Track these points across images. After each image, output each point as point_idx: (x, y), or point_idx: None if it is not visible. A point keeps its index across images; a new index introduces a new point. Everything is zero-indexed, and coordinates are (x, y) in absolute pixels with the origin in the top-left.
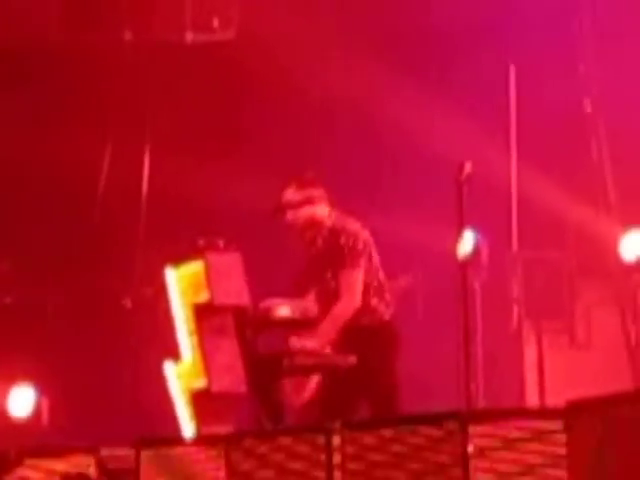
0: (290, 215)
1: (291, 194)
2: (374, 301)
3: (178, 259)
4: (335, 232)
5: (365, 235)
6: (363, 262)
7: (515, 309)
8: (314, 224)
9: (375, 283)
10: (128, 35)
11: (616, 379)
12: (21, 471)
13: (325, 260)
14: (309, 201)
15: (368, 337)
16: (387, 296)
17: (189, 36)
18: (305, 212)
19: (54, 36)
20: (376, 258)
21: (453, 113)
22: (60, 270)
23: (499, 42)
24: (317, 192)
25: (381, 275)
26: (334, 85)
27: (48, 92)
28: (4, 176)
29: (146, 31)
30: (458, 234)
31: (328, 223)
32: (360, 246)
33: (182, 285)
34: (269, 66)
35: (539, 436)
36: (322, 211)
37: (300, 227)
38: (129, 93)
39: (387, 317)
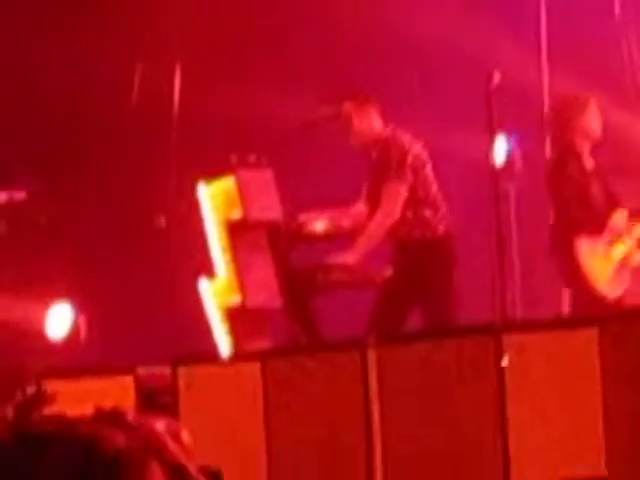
0: (342, 128)
1: (345, 110)
2: (427, 213)
3: (211, 176)
4: (387, 144)
5: (417, 149)
6: (410, 175)
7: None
8: (368, 137)
9: (428, 196)
10: None
11: None
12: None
13: (376, 171)
14: (364, 117)
15: (422, 250)
16: (442, 209)
17: None
18: (358, 128)
19: None
20: (429, 172)
21: (484, 19)
22: (94, 189)
23: None
24: (371, 105)
25: (434, 189)
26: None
27: (78, 9)
28: (36, 97)
29: None
30: (490, 142)
31: (382, 136)
32: (409, 160)
33: (215, 202)
34: None
35: (574, 346)
36: (376, 123)
37: (355, 140)
38: (159, 8)
39: (441, 230)
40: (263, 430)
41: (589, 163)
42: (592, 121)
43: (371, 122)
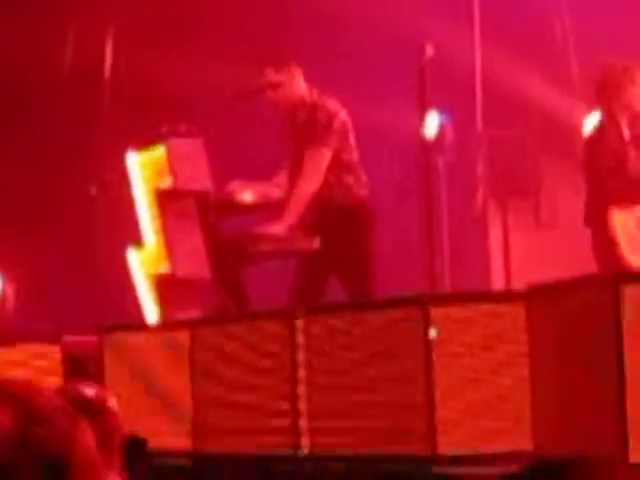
0: (271, 94)
1: (271, 74)
2: (349, 179)
3: (142, 145)
4: (313, 108)
5: (343, 115)
6: (335, 141)
7: (480, 189)
8: (295, 101)
9: (350, 162)
10: None
11: (580, 259)
12: None
13: (300, 136)
14: (288, 79)
15: (342, 214)
16: (363, 177)
17: None
18: (286, 90)
19: None
20: (352, 138)
21: None
22: (24, 156)
23: None
24: (295, 70)
25: (355, 156)
26: None
27: None
28: None
29: None
30: (422, 115)
31: (308, 100)
32: (336, 124)
33: (145, 171)
34: None
35: (501, 319)
36: (301, 88)
37: (282, 105)
38: None
39: (361, 196)
40: (190, 397)
41: (627, 134)
42: (637, 92)
43: (297, 83)
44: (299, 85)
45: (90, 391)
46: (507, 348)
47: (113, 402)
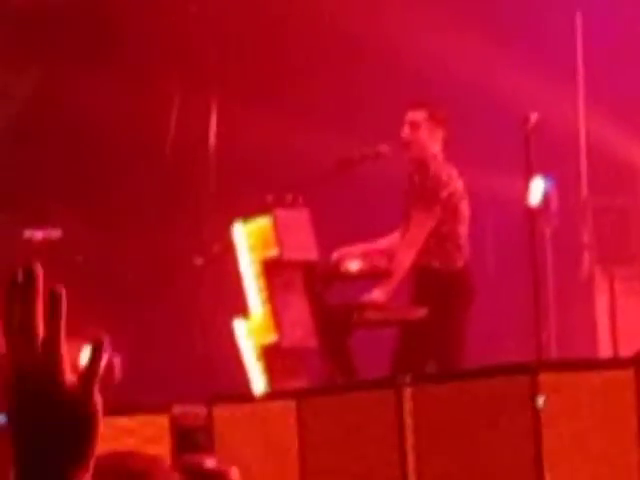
0: (405, 132)
1: (420, 116)
2: (449, 246)
3: (247, 215)
4: (426, 173)
5: (454, 186)
6: (439, 211)
7: (586, 256)
8: (422, 157)
9: (452, 233)
10: None
11: None
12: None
13: (413, 195)
14: (432, 133)
15: (439, 282)
16: (465, 249)
17: None
18: (423, 139)
19: None
20: (464, 210)
21: (520, 61)
22: (131, 227)
23: None
24: (440, 132)
25: (463, 229)
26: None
27: (118, 46)
28: (74, 134)
29: None
30: (527, 183)
31: (428, 162)
32: (443, 195)
33: (251, 241)
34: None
35: (610, 386)
36: (435, 149)
37: (410, 151)
38: (196, 47)
39: (460, 264)
40: (298, 469)
41: None
42: None
43: (434, 140)
44: (436, 140)
45: (211, 463)
46: (616, 417)
47: (235, 474)
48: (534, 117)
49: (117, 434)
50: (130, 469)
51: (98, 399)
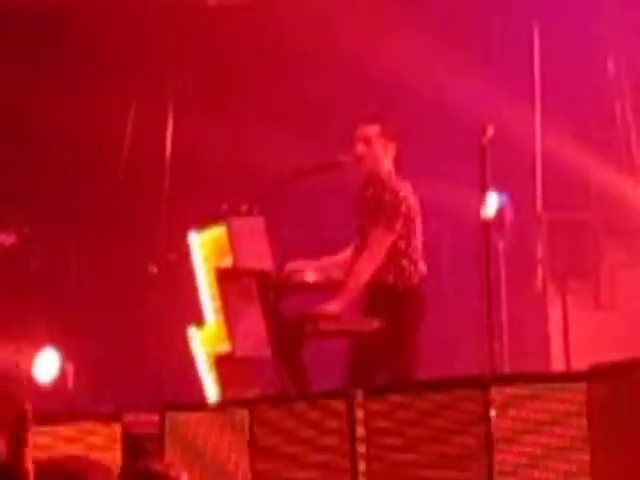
0: (360, 147)
1: (373, 131)
2: (405, 263)
3: (202, 224)
4: (382, 189)
5: (411, 201)
6: (399, 227)
7: (539, 270)
8: (375, 171)
9: (408, 248)
10: None
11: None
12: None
13: (368, 210)
14: (385, 147)
15: (392, 297)
16: (420, 265)
17: (211, 0)
18: (376, 154)
19: None
20: (418, 226)
21: (476, 75)
22: (85, 235)
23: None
24: (393, 145)
25: (418, 244)
26: (355, 49)
27: (72, 53)
28: (26, 138)
29: None
30: (482, 196)
31: (384, 177)
32: (402, 210)
33: (205, 250)
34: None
35: (562, 400)
36: (388, 164)
37: (363, 166)
38: (153, 56)
39: (415, 280)
40: (249, 478)
41: None
42: None
43: (386, 153)
44: (389, 155)
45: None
46: (568, 430)
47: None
48: (490, 130)
49: (68, 441)
50: (67, 471)
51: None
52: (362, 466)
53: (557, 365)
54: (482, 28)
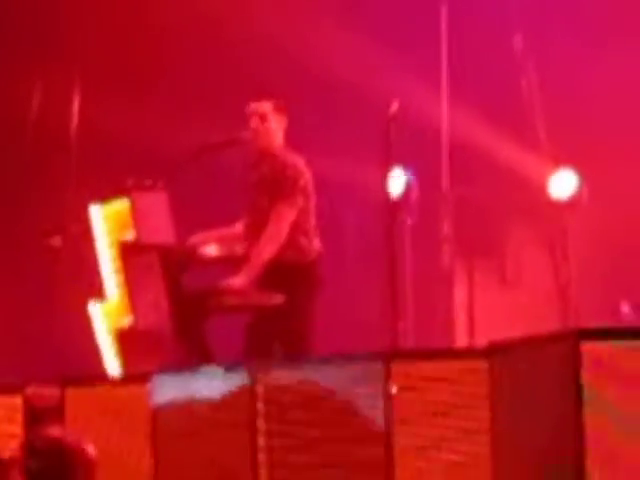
0: (254, 123)
1: (267, 107)
2: (302, 240)
3: (105, 198)
4: (283, 163)
5: (308, 176)
6: (300, 201)
7: (445, 248)
8: (270, 148)
9: (307, 224)
10: None
11: (545, 318)
12: None
13: (264, 187)
14: (278, 123)
15: (290, 274)
16: (316, 241)
17: None
18: (268, 129)
19: None
20: (313, 200)
21: (382, 50)
22: None
23: None
24: (284, 120)
25: (312, 219)
26: (262, 21)
27: None
28: None
29: None
30: (387, 173)
31: (279, 153)
32: (302, 183)
33: (108, 223)
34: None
35: (463, 376)
36: (280, 138)
37: (260, 142)
38: (59, 28)
39: (312, 257)
40: (149, 452)
41: None
42: None
43: (279, 131)
44: (280, 130)
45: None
46: (469, 408)
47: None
48: (395, 106)
49: None
50: None
51: None
52: (261, 442)
53: (461, 342)
54: (390, 2)
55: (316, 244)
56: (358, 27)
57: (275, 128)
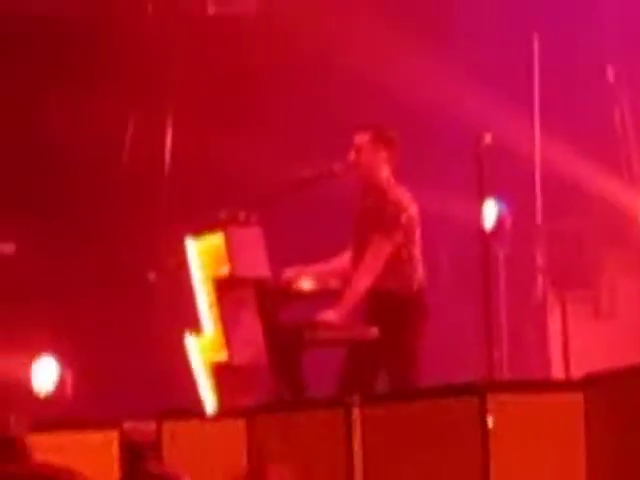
0: (351, 156)
1: (364, 138)
2: (406, 270)
3: (200, 231)
4: (385, 198)
5: (412, 210)
6: (399, 236)
7: (539, 279)
8: (371, 179)
9: (410, 257)
10: (150, 7)
11: None
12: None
13: (367, 218)
14: (377, 155)
15: (395, 304)
16: (420, 272)
17: (211, 9)
18: (368, 161)
19: (78, 7)
20: (418, 233)
21: (476, 82)
22: (85, 242)
23: (523, 10)
24: (388, 152)
25: (418, 252)
26: (353, 60)
27: (73, 64)
28: (27, 150)
29: (169, 3)
30: (480, 205)
31: (382, 185)
32: (403, 220)
33: (203, 258)
34: (287, 41)
35: (559, 409)
36: (384, 172)
37: (356, 174)
38: (151, 65)
39: (415, 288)
40: None
41: None
42: None
43: (380, 161)
44: (382, 161)
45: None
46: (565, 439)
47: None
48: (488, 138)
49: (67, 448)
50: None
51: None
52: (358, 478)
53: (557, 374)
54: (482, 35)
55: (420, 274)
56: (451, 59)
57: (372, 159)
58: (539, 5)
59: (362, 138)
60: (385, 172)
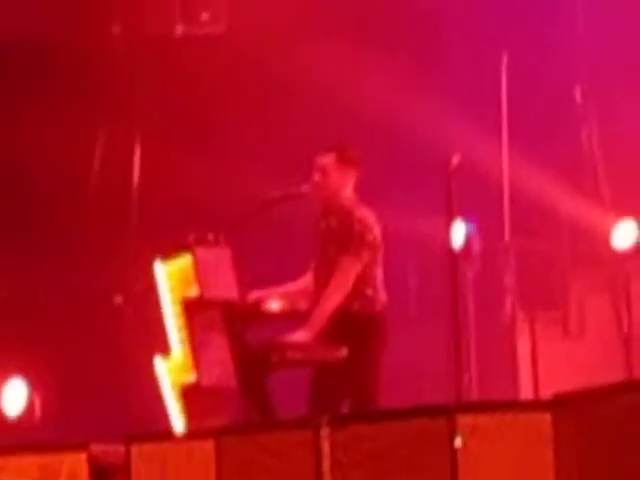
0: (316, 177)
1: (329, 160)
2: (369, 291)
3: (168, 254)
4: (351, 217)
5: (376, 230)
6: (367, 255)
7: (508, 299)
8: (336, 200)
9: (372, 277)
10: (117, 28)
11: (609, 369)
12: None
13: (332, 238)
14: (343, 175)
15: (357, 324)
16: (381, 293)
17: (179, 29)
18: (334, 183)
19: (43, 30)
20: (381, 252)
21: (443, 102)
22: (52, 265)
23: (491, 28)
24: (353, 173)
25: (380, 272)
26: (322, 79)
27: (39, 86)
28: None
29: (135, 24)
30: (449, 225)
31: (347, 205)
32: (369, 239)
33: (171, 280)
34: (255, 63)
35: (528, 429)
36: (348, 192)
37: (322, 196)
38: (119, 86)
39: (378, 308)
40: None
41: None
42: None
43: (346, 180)
44: (348, 181)
45: None
46: (534, 459)
47: None
48: (456, 159)
49: (35, 471)
50: None
51: None
52: None
53: (525, 395)
54: (450, 53)
55: (382, 296)
56: (419, 79)
57: (338, 180)
58: (507, 25)
59: (326, 159)
60: (348, 192)
